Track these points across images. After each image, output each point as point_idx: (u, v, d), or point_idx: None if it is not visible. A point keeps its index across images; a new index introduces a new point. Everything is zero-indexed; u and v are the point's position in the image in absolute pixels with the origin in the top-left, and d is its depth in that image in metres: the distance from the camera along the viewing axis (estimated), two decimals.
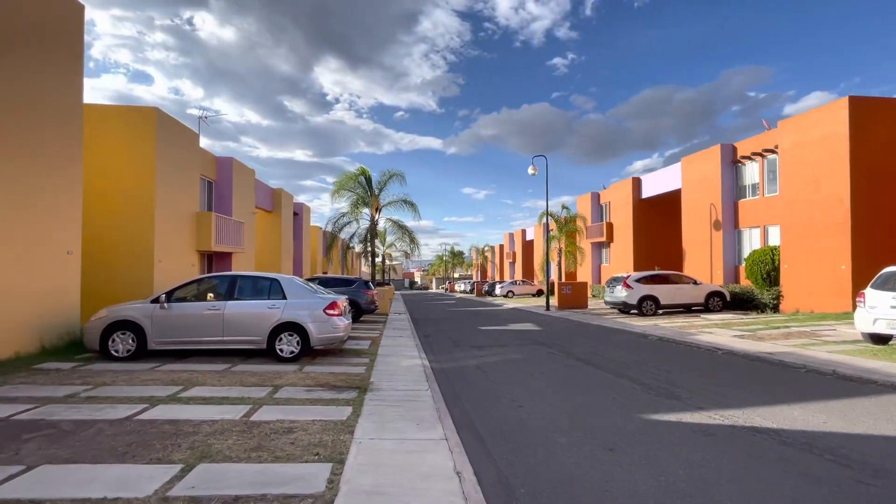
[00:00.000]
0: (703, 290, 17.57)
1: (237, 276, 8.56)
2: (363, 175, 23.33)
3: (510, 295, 38.38)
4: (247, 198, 19.50)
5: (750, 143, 19.15)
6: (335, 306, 8.46)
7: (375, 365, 8.16)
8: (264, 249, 24.06)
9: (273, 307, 8.23)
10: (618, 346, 11.04)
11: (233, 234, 16.73)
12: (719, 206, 20.10)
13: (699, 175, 21.46)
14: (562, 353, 10.08)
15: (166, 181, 12.84)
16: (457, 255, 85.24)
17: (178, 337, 8.08)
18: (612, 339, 12.28)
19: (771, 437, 4.63)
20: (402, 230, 24.53)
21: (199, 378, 6.69)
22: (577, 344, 11.40)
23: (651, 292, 17.26)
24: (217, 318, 8.10)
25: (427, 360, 9.04)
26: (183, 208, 13.94)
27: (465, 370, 8.27)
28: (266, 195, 24.19)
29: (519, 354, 9.95)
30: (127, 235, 11.88)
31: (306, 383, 6.51)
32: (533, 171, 22.14)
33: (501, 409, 5.68)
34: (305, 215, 31.34)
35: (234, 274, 8.62)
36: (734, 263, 20.09)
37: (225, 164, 17.68)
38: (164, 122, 12.82)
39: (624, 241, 28.07)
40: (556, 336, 12.92)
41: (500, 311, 23.37)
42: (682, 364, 8.60)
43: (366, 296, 16.54)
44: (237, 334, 8.14)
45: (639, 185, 27.22)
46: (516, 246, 54.54)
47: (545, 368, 8.33)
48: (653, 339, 11.97)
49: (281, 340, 8.18)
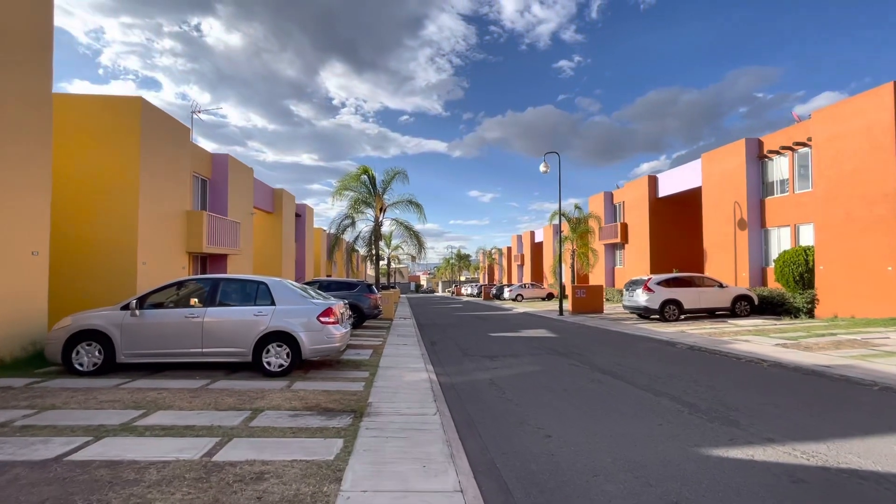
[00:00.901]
0: (728, 294, 16.41)
1: (220, 279, 7.59)
2: (366, 174, 22.36)
3: (519, 299, 37.27)
4: (244, 197, 18.61)
5: (778, 136, 17.98)
6: (330, 313, 7.46)
7: (376, 380, 7.15)
8: (264, 251, 23.18)
9: (260, 314, 7.24)
10: (645, 356, 9.96)
11: (228, 235, 15.81)
12: (744, 204, 18.92)
13: (721, 171, 20.29)
14: (584, 364, 9.02)
15: (152, 177, 11.93)
16: (463, 258, 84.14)
17: (152, 348, 7.11)
18: (637, 347, 11.19)
19: (884, 486, 3.55)
20: (408, 231, 23.55)
21: (166, 399, 5.70)
22: (598, 353, 10.33)
23: (674, 296, 16.14)
24: (195, 326, 7.12)
25: (434, 374, 8.03)
26: (172, 206, 13.04)
27: (478, 386, 7.24)
28: (266, 195, 23.33)
29: (536, 366, 8.90)
30: (108, 235, 10.97)
31: (292, 405, 5.50)
32: (545, 168, 21.08)
33: (526, 441, 4.65)
34: (308, 217, 30.47)
35: (217, 277, 7.64)
36: (761, 265, 18.88)
37: (220, 162, 16.80)
38: (149, 114, 11.92)
39: (639, 243, 26.90)
40: (575, 344, 11.85)
41: (510, 316, 22.30)
42: (726, 379, 7.50)
43: (368, 300, 15.56)
44: (218, 345, 7.16)
45: (655, 183, 26.06)
46: (524, 248, 53.39)
47: (569, 384, 7.28)
48: (682, 347, 10.87)
49: (268, 352, 7.19)
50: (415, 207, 23.36)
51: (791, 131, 17.47)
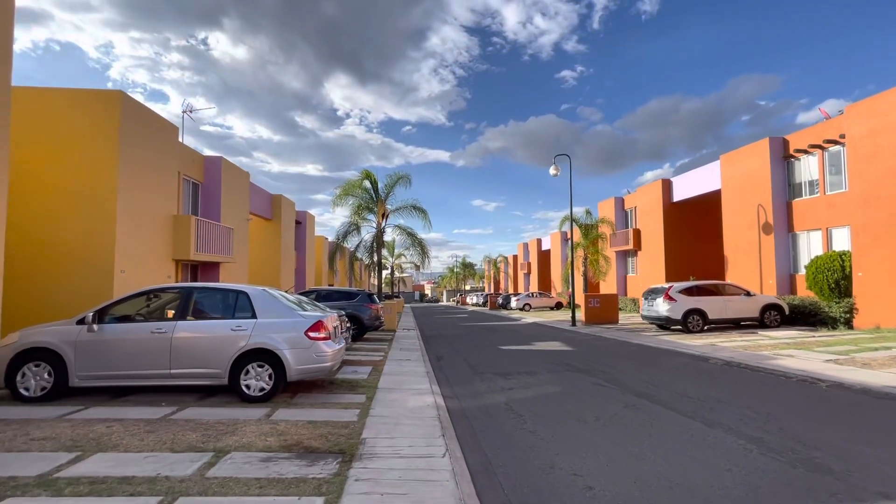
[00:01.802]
0: (757, 303, 15.24)
1: (193, 287, 6.57)
2: (368, 179, 21.45)
3: (527, 308, 36.08)
4: (239, 202, 17.69)
5: (806, 134, 16.89)
6: (320, 327, 6.42)
7: (373, 406, 6.09)
8: (261, 260, 22.22)
9: (238, 329, 6.21)
10: (677, 373, 8.84)
11: (220, 242, 14.86)
12: (769, 206, 17.78)
13: (743, 173, 19.19)
14: (611, 384, 7.91)
15: (134, 177, 11.00)
16: (468, 267, 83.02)
17: (111, 369, 6.08)
18: (666, 363, 10.07)
19: None
20: (412, 238, 22.54)
21: (114, 435, 4.66)
22: (624, 370, 9.22)
23: (698, 305, 14.98)
24: (162, 343, 6.10)
25: (441, 397, 6.96)
26: (156, 210, 12.09)
27: (493, 412, 6.16)
28: (264, 201, 22.43)
29: (557, 386, 7.81)
30: (82, 240, 10.01)
31: (267, 444, 4.45)
32: (555, 171, 20.07)
33: (560, 494, 3.57)
34: (309, 224, 29.55)
35: (190, 285, 6.63)
36: (789, 271, 17.68)
37: (213, 165, 15.91)
38: (131, 109, 11.01)
39: (653, 249, 25.75)
40: (595, 359, 10.74)
41: (519, 327, 21.16)
42: (785, 404, 6.38)
43: (369, 310, 14.51)
44: (189, 365, 6.12)
45: (669, 187, 24.96)
46: (531, 256, 52.26)
47: (599, 410, 6.18)
48: (717, 363, 9.73)
49: (247, 374, 6.15)
50: (419, 213, 22.42)
51: (820, 128, 16.38)
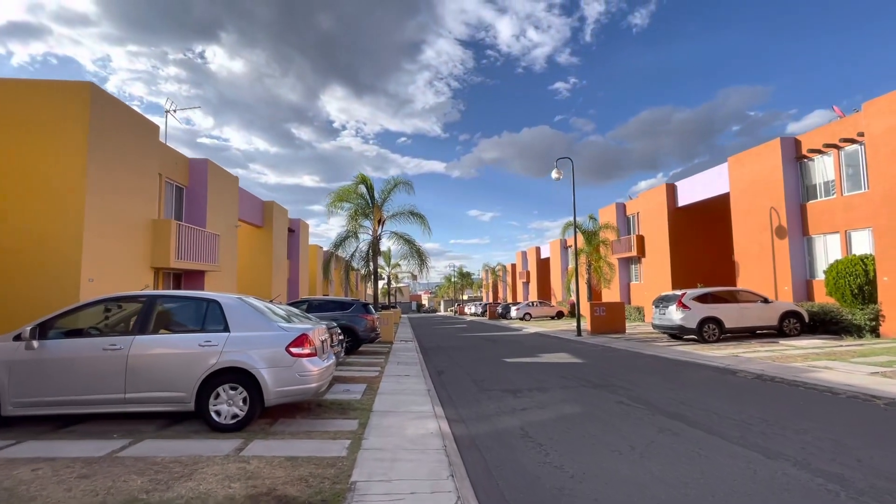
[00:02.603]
0: (775, 310, 14.40)
1: (155, 296, 5.63)
2: (364, 184, 20.60)
3: (527, 317, 35.14)
4: (227, 208, 16.78)
5: (820, 133, 16.19)
6: (304, 341, 5.50)
7: (367, 434, 5.16)
8: (252, 268, 21.25)
9: (207, 344, 5.28)
10: (706, 389, 7.94)
11: (205, 249, 13.92)
12: (782, 209, 17.03)
13: (753, 175, 18.46)
14: (635, 402, 7.01)
15: (106, 177, 10.09)
16: (465, 276, 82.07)
17: (53, 395, 5.12)
18: (689, 377, 9.17)
19: None
20: (409, 246, 21.63)
21: (34, 484, 3.70)
22: (645, 385, 8.31)
23: (713, 313, 14.12)
24: (116, 362, 5.15)
25: (446, 420, 6.03)
26: (132, 213, 11.15)
27: (507, 440, 5.24)
28: (255, 208, 21.52)
29: (575, 405, 6.89)
30: (44, 245, 9.07)
31: (230, 492, 3.50)
32: (557, 175, 19.30)
33: None
34: (303, 233, 28.63)
35: (152, 294, 5.68)
36: (805, 277, 16.87)
37: (199, 168, 15.02)
38: (102, 103, 10.12)
39: (658, 256, 24.95)
40: (609, 372, 9.83)
41: (521, 338, 20.23)
42: (844, 426, 5.48)
43: (364, 321, 13.57)
44: (148, 388, 5.17)
45: (673, 191, 24.24)
46: (530, 265, 51.41)
47: (631, 436, 5.27)
48: (747, 377, 8.84)
49: (218, 397, 5.20)
50: (417, 219, 21.54)
51: (835, 127, 15.69)
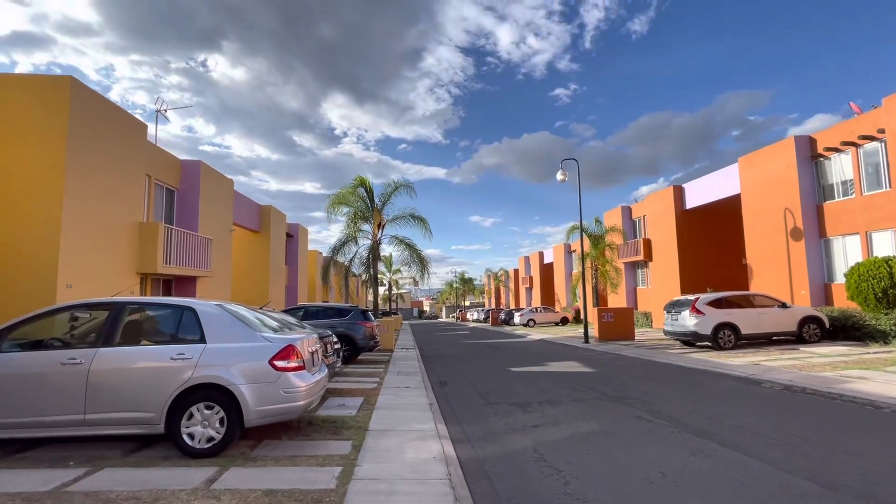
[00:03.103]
0: (794, 316, 13.73)
1: (122, 303, 5.01)
2: (363, 186, 20.01)
3: (531, 324, 34.43)
4: (221, 212, 16.21)
5: (836, 131, 15.59)
6: (290, 353, 4.88)
7: (361, 460, 4.53)
8: (248, 275, 20.66)
9: (180, 357, 4.66)
10: (732, 402, 7.29)
11: (196, 254, 13.33)
12: (797, 210, 16.39)
13: (765, 176, 17.84)
14: (656, 416, 6.37)
15: (87, 177, 9.52)
16: (467, 282, 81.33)
17: (3, 416, 4.51)
18: (710, 388, 8.51)
19: None
20: (410, 250, 21.02)
21: None
22: (664, 397, 7.66)
23: (728, 319, 13.46)
24: (76, 378, 4.54)
25: (450, 441, 5.39)
26: (116, 216, 10.57)
27: (520, 465, 4.60)
28: (251, 212, 20.96)
29: (591, 421, 6.25)
30: (17, 248, 8.48)
31: None
32: (562, 176, 18.72)
33: None
34: (302, 238, 28.06)
35: (119, 301, 5.06)
36: (822, 280, 16.19)
37: (191, 170, 14.47)
38: (83, 99, 9.56)
39: (665, 260, 24.29)
40: (623, 383, 9.17)
41: (526, 345, 19.55)
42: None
43: (363, 329, 12.95)
44: (111, 408, 4.55)
45: (681, 193, 23.62)
46: (533, 270, 50.73)
47: (659, 458, 4.64)
48: (775, 388, 8.18)
49: (191, 418, 4.58)
50: (418, 222, 20.90)
51: (852, 124, 15.09)
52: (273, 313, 9.04)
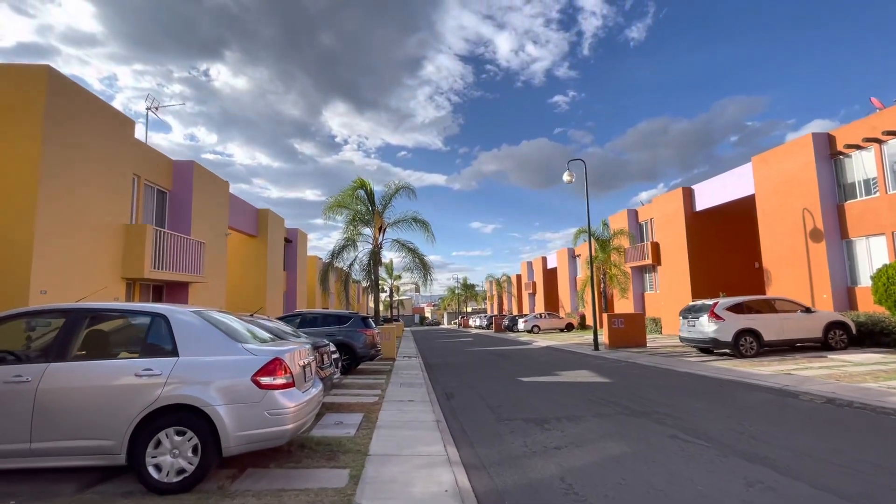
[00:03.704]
0: (819, 321, 12.99)
1: (81, 310, 4.30)
2: (363, 188, 19.35)
3: (535, 330, 33.64)
4: (215, 215, 15.54)
5: (857, 127, 14.92)
6: (276, 368, 4.17)
7: (359, 496, 3.81)
8: (244, 280, 19.97)
9: (147, 374, 3.96)
10: (771, 417, 6.55)
11: (188, 258, 12.65)
12: (817, 210, 15.69)
13: (781, 175, 17.16)
14: (693, 436, 5.64)
15: (65, 175, 8.86)
16: (469, 288, 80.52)
17: None
18: (743, 400, 7.78)
19: None
20: (412, 254, 20.32)
21: None
22: (695, 412, 6.92)
23: (750, 324, 12.72)
24: (21, 400, 3.83)
25: (462, 468, 4.66)
26: (98, 217, 9.89)
27: (547, 499, 3.88)
28: (248, 216, 20.29)
29: (621, 442, 5.51)
30: None
31: None
32: (569, 177, 18.05)
33: None
34: (301, 243, 27.40)
35: (78, 306, 4.35)
36: (845, 284, 15.46)
37: (184, 171, 13.82)
38: (62, 90, 8.91)
39: (675, 264, 23.56)
40: (645, 394, 8.43)
41: (533, 352, 18.80)
42: None
43: (363, 337, 12.22)
44: (62, 435, 3.84)
45: (690, 195, 22.94)
46: (536, 275, 49.98)
47: (712, 490, 3.91)
48: (815, 401, 7.44)
49: (159, 446, 3.87)
50: (420, 226, 20.22)
51: (874, 120, 14.43)
52: (265, 321, 8.38)
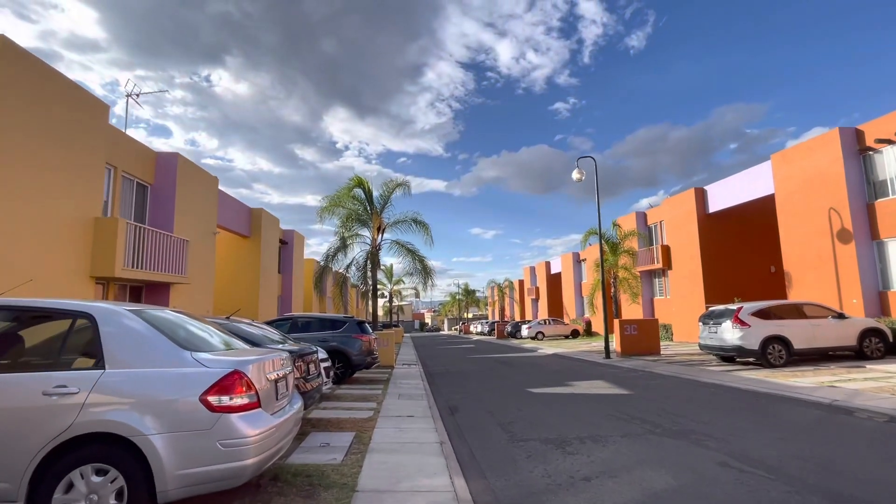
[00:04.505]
0: (853, 328, 11.99)
1: None
2: (360, 187, 18.44)
3: (540, 337, 32.58)
4: (202, 212, 14.59)
5: (887, 121, 13.97)
6: (234, 384, 3.19)
7: None
8: (236, 283, 18.99)
9: (59, 392, 2.98)
10: (832, 439, 5.55)
11: (169, 257, 11.69)
12: (845, 210, 14.73)
13: (804, 173, 16.21)
14: (745, 462, 4.66)
15: (19, 161, 7.91)
16: (470, 294, 79.44)
17: None
18: (788, 418, 6.78)
19: None
20: (412, 256, 19.36)
21: None
22: (740, 433, 5.92)
23: (779, 331, 11.73)
24: None
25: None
26: (62, 210, 8.92)
27: None
28: (241, 215, 19.35)
29: (661, 471, 4.52)
30: None
31: None
32: (578, 175, 17.14)
33: None
34: (297, 246, 26.45)
35: None
36: (877, 288, 14.45)
37: (167, 164, 12.88)
38: (17, 63, 7.94)
39: (686, 268, 22.57)
40: (672, 409, 7.43)
41: (540, 360, 17.78)
42: None
43: (359, 343, 11.23)
44: None
45: (703, 196, 21.99)
46: (539, 280, 48.95)
47: None
48: (876, 419, 6.44)
49: (70, 490, 2.88)
50: (420, 227, 19.33)
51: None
52: (248, 325, 7.39)
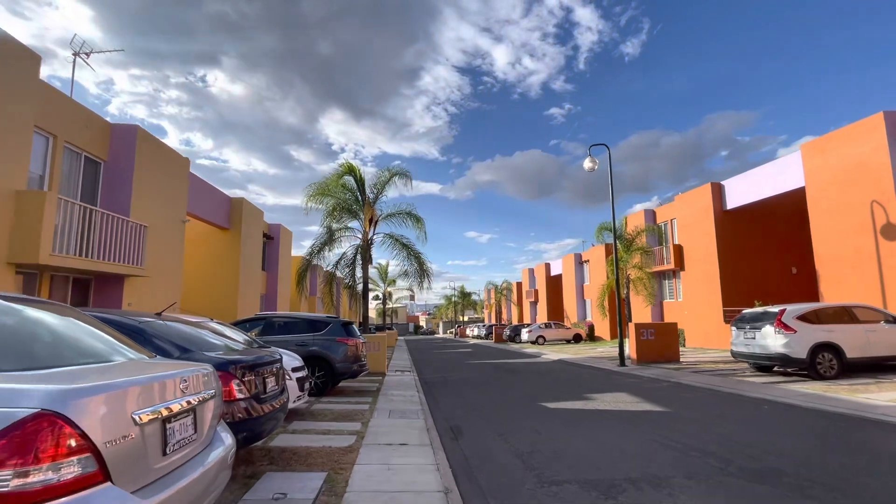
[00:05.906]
0: None
1: None
2: (351, 174, 16.79)
3: (541, 341, 30.97)
4: (169, 196, 12.86)
5: None
6: (36, 440, 1.51)
7: None
8: (213, 279, 17.23)
9: None
10: None
11: (121, 244, 9.97)
12: (891, 202, 13.25)
13: (841, 163, 14.75)
14: None
15: None
16: (466, 296, 77.76)
17: None
18: (887, 448, 5.20)
19: None
20: (407, 251, 17.70)
21: None
22: (849, 473, 4.33)
23: (829, 338, 10.19)
24: None
25: None
26: None
27: None
28: (218, 204, 17.61)
29: None
30: None
31: None
32: (591, 164, 15.61)
33: None
34: (284, 241, 24.70)
35: None
36: None
37: (124, 137, 11.16)
38: None
39: (702, 269, 21.07)
40: (732, 436, 5.80)
41: (545, 367, 16.16)
42: None
43: (343, 348, 9.54)
44: None
45: (720, 192, 20.52)
46: (538, 283, 47.40)
47: None
48: None
49: None
50: (414, 222, 17.68)
51: None
52: (175, 325, 5.12)
